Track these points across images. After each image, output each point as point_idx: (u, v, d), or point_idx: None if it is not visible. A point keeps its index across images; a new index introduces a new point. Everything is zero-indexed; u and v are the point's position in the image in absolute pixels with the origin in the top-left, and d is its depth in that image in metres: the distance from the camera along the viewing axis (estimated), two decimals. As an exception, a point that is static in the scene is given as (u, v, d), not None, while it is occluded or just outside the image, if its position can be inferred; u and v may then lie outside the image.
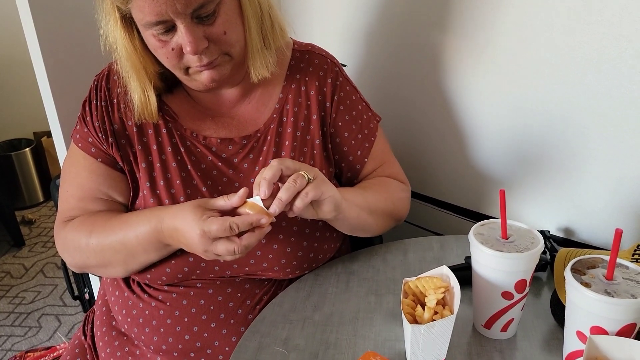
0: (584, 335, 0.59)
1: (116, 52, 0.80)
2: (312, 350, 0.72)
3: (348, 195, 0.84)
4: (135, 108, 0.84)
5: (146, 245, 0.80)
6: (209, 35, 0.75)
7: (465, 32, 1.04)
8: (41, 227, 2.75)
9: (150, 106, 0.83)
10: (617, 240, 0.57)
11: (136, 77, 0.81)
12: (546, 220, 1.02)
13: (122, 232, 0.81)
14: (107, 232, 0.82)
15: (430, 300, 0.65)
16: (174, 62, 0.77)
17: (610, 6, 0.83)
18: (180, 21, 0.73)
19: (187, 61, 0.77)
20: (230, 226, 0.70)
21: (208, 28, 0.75)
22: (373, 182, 0.96)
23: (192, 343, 0.83)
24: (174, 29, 0.74)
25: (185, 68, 0.79)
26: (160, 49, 0.76)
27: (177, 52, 0.76)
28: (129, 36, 0.78)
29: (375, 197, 0.91)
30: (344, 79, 0.94)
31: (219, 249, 0.72)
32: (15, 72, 2.92)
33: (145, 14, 0.72)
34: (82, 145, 0.88)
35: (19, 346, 1.91)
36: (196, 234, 0.72)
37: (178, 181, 0.85)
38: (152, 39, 0.76)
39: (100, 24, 0.79)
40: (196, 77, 0.80)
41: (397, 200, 0.97)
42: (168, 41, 0.75)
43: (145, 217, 0.80)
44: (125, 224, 0.82)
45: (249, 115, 0.90)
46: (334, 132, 0.93)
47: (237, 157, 0.88)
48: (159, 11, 0.71)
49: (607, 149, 0.90)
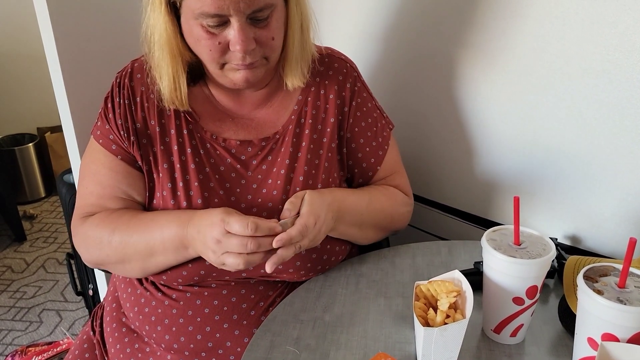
0: (595, 342, 0.60)
1: (155, 36, 0.80)
2: (323, 350, 0.73)
3: (345, 214, 0.87)
4: (164, 95, 0.83)
5: (168, 245, 0.80)
6: (258, 37, 0.76)
7: (477, 40, 1.05)
8: (43, 222, 2.75)
9: (181, 93, 0.83)
10: (631, 248, 0.58)
11: (171, 62, 0.80)
12: (553, 228, 1.03)
13: (147, 231, 0.82)
14: (132, 230, 0.83)
15: (443, 304, 0.66)
16: (215, 55, 0.77)
17: (623, 19, 0.84)
18: (236, 19, 0.73)
19: (229, 57, 0.78)
20: (249, 226, 0.71)
21: (259, 31, 0.76)
22: (381, 192, 0.96)
23: (203, 343, 0.83)
24: (226, 25, 0.75)
25: (223, 63, 0.79)
26: (206, 40, 0.76)
27: (223, 46, 0.76)
28: (171, 21, 0.78)
29: (374, 212, 0.93)
30: (361, 84, 0.95)
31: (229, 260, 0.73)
32: (20, 67, 2.92)
33: (205, 4, 0.72)
34: (102, 142, 0.88)
35: (19, 341, 1.91)
36: (212, 236, 0.73)
37: (196, 183, 0.85)
38: (199, 29, 0.76)
39: (147, 7, 0.79)
40: (230, 74, 0.80)
41: (398, 216, 0.98)
42: (216, 34, 0.76)
43: (174, 218, 0.81)
44: (153, 222, 0.82)
45: (269, 117, 0.90)
46: (350, 137, 0.93)
47: (255, 159, 0.88)
48: (220, 5, 0.71)
49: (616, 159, 0.91)
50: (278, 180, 0.87)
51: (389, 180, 0.99)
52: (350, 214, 0.88)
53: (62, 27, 1.14)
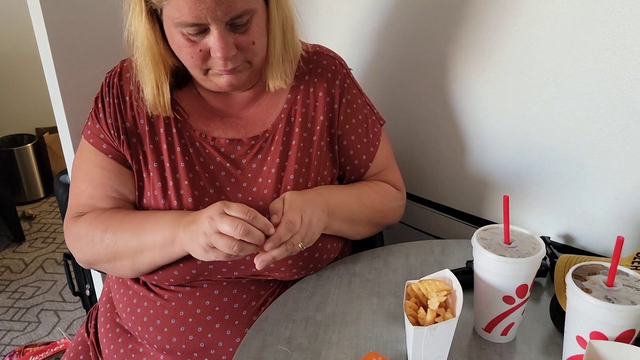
0: (583, 340, 0.60)
1: (136, 43, 0.80)
2: (314, 349, 0.73)
3: (336, 209, 0.87)
4: (148, 101, 0.84)
5: (158, 241, 0.81)
6: (238, 43, 0.77)
7: (469, 39, 1.05)
8: (41, 223, 2.75)
9: (164, 99, 0.83)
10: (619, 247, 0.58)
11: (153, 69, 0.81)
12: (546, 227, 1.03)
13: (140, 228, 0.82)
14: (124, 227, 0.83)
15: (433, 303, 0.66)
16: (197, 62, 0.78)
17: (614, 18, 0.84)
18: (215, 26, 0.73)
19: (210, 64, 0.78)
20: (249, 213, 0.71)
21: (239, 36, 0.76)
22: (371, 188, 0.97)
23: (195, 343, 0.83)
24: (206, 32, 0.75)
25: (206, 69, 0.80)
26: (186, 47, 0.76)
27: (204, 54, 0.77)
28: (152, 28, 0.78)
29: (365, 208, 0.93)
30: (351, 81, 0.95)
31: (219, 243, 0.71)
32: (18, 68, 2.93)
33: (183, 14, 0.72)
34: (93, 142, 0.88)
35: (17, 341, 1.92)
36: (207, 215, 0.72)
37: (186, 182, 0.85)
38: (179, 37, 0.76)
39: (127, 13, 0.79)
40: (214, 79, 0.81)
41: (389, 211, 0.98)
42: (197, 42, 0.76)
43: (168, 215, 0.82)
44: (145, 221, 0.83)
45: (258, 116, 0.91)
46: (341, 134, 0.94)
47: (245, 157, 0.88)
48: (198, 14, 0.72)
49: (608, 157, 0.91)
50: (269, 179, 0.87)
51: (380, 176, 1.00)
52: (340, 209, 0.88)
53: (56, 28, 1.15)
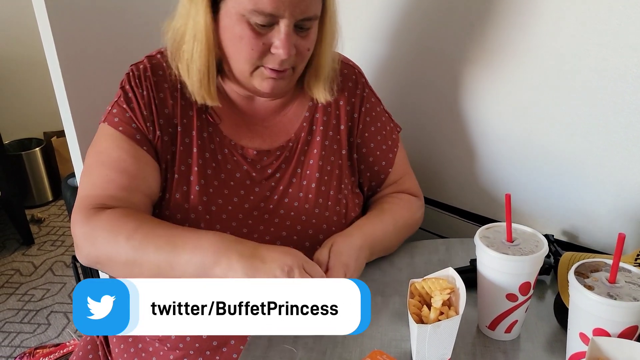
0: (586, 337, 0.61)
1: (191, 31, 0.78)
2: (320, 348, 0.74)
3: (377, 244, 0.88)
4: (195, 89, 0.81)
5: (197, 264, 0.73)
6: (297, 46, 0.77)
7: (473, 39, 1.05)
8: (50, 226, 2.78)
9: (213, 86, 0.81)
10: (620, 244, 0.59)
11: (207, 55, 0.78)
12: (550, 225, 1.03)
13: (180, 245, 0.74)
14: (159, 235, 0.75)
15: (436, 301, 0.67)
16: (254, 55, 0.77)
17: (616, 15, 0.85)
18: (287, 22, 0.74)
19: (266, 60, 0.77)
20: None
21: (299, 40, 0.77)
22: (400, 206, 0.96)
23: (209, 341, 0.84)
24: (272, 27, 0.75)
25: (257, 66, 0.78)
26: (249, 38, 0.75)
27: (264, 48, 0.76)
28: (212, 17, 0.77)
29: (400, 230, 0.94)
30: (369, 90, 0.96)
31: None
32: (26, 72, 2.95)
33: (260, 2, 0.71)
34: (123, 129, 0.81)
35: (28, 343, 1.94)
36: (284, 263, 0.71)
37: (211, 189, 0.84)
38: (244, 27, 0.74)
39: (185, 2, 0.78)
40: (258, 80, 0.80)
41: (416, 223, 1.00)
42: (261, 35, 0.75)
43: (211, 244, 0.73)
44: (187, 238, 0.74)
45: (282, 125, 0.91)
46: (361, 142, 0.94)
47: (271, 167, 0.88)
48: (278, 5, 0.71)
49: (611, 155, 0.91)
50: (290, 189, 0.88)
51: (400, 184, 1.00)
52: (381, 242, 0.90)
53: (62, 32, 1.15)
